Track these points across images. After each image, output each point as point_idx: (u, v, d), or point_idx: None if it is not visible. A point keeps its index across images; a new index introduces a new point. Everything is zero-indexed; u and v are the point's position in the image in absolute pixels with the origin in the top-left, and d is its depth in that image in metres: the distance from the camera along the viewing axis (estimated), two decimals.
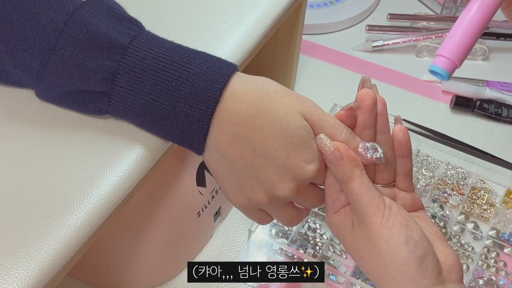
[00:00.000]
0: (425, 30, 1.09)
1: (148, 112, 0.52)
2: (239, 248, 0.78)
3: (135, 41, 0.51)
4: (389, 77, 1.03)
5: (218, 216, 0.78)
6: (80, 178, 0.51)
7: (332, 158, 0.51)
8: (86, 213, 0.49)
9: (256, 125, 0.51)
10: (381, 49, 1.07)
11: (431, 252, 0.50)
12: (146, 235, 0.66)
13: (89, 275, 0.72)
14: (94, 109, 0.53)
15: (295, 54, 0.89)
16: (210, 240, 0.78)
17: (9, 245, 0.46)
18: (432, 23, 1.10)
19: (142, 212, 0.64)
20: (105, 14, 0.52)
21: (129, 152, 0.53)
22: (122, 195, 0.52)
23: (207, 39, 0.64)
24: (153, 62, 0.51)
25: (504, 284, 0.77)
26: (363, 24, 1.12)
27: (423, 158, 0.92)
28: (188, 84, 0.51)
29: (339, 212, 0.53)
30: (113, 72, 0.51)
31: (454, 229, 0.83)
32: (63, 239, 0.48)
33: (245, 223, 0.80)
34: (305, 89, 0.99)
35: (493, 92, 1.01)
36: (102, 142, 0.54)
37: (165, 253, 0.71)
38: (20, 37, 0.51)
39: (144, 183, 0.56)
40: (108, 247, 0.66)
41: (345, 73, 1.03)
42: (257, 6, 0.69)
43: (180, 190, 0.66)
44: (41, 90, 0.53)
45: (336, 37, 1.10)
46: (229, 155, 0.52)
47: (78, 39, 0.50)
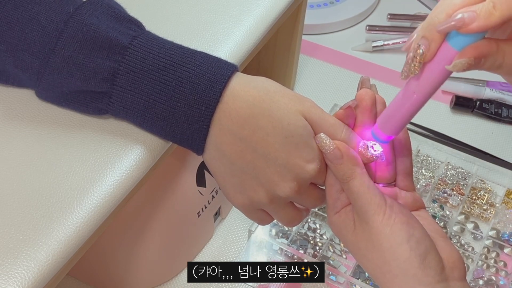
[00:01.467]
0: None
1: (148, 112, 0.52)
2: (239, 248, 0.78)
3: (135, 41, 0.51)
4: (389, 77, 1.03)
5: (218, 216, 0.78)
6: (80, 178, 0.51)
7: (332, 157, 0.51)
8: (86, 213, 0.49)
9: (256, 125, 0.51)
10: (381, 49, 1.07)
11: (433, 250, 0.50)
12: (146, 235, 0.66)
13: (89, 275, 0.72)
14: (94, 109, 0.53)
15: (295, 54, 0.89)
16: (210, 240, 0.78)
17: (9, 245, 0.46)
18: None
19: (142, 212, 0.64)
20: (105, 14, 0.52)
21: (129, 152, 0.53)
22: (122, 195, 0.52)
23: (207, 39, 0.64)
24: (153, 62, 0.51)
25: (504, 284, 0.77)
26: (363, 24, 1.12)
27: (423, 158, 0.91)
28: (188, 85, 0.51)
29: (340, 212, 0.53)
30: (113, 72, 0.51)
31: (454, 229, 0.83)
32: (63, 239, 0.48)
33: (245, 223, 0.80)
34: (305, 89, 0.99)
35: (493, 92, 1.01)
36: (102, 142, 0.54)
37: (165, 253, 0.71)
38: (20, 37, 0.51)
39: (144, 183, 0.56)
40: (108, 247, 0.66)
41: (345, 73, 1.03)
42: (257, 6, 0.69)
43: (180, 190, 0.66)
44: (41, 90, 0.53)
45: (336, 37, 1.10)
46: (230, 155, 0.52)
47: (79, 39, 0.50)
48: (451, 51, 0.43)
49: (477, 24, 0.40)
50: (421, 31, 0.43)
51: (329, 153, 0.51)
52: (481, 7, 0.40)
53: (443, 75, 0.44)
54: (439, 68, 0.44)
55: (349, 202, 0.53)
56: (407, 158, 0.55)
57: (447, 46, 0.43)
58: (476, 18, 0.40)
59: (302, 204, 0.56)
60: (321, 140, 0.51)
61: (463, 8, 0.41)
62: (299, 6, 0.81)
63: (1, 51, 0.51)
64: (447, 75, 0.44)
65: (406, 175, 0.56)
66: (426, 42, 0.43)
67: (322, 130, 0.52)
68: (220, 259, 0.76)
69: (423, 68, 0.45)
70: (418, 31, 0.44)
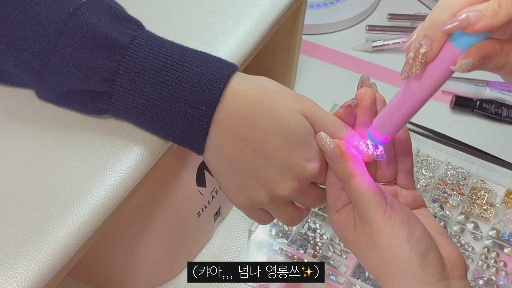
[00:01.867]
0: None
1: (148, 112, 0.52)
2: (239, 248, 0.78)
3: (135, 41, 0.51)
4: (389, 77, 1.03)
5: (218, 216, 0.78)
6: (80, 178, 0.51)
7: (332, 156, 0.51)
8: (86, 213, 0.49)
9: (256, 125, 0.51)
10: (381, 49, 1.07)
11: (434, 249, 0.50)
12: (146, 235, 0.66)
13: (89, 275, 0.72)
14: (94, 109, 0.53)
15: (295, 54, 0.89)
16: (210, 240, 0.78)
17: (9, 245, 0.46)
18: None
19: (142, 212, 0.64)
20: (105, 14, 0.52)
21: (129, 152, 0.53)
22: (122, 195, 0.52)
23: (207, 39, 0.64)
24: (153, 62, 0.51)
25: (504, 284, 0.77)
26: (363, 24, 1.12)
27: (423, 158, 0.91)
28: (188, 84, 0.51)
29: (340, 211, 0.53)
30: (113, 72, 0.51)
31: (454, 229, 0.83)
32: (63, 239, 0.48)
33: (245, 223, 0.80)
34: (305, 89, 0.99)
35: (493, 92, 1.01)
36: (102, 142, 0.54)
37: (165, 253, 0.71)
38: (20, 37, 0.51)
39: (144, 183, 0.56)
40: (108, 247, 0.66)
41: (345, 73, 1.03)
42: (257, 6, 0.69)
43: (180, 190, 0.66)
44: (41, 89, 0.53)
45: (336, 37, 1.10)
46: (230, 155, 0.52)
47: (79, 38, 0.50)
48: (454, 51, 0.42)
49: (483, 23, 0.39)
50: (423, 31, 0.43)
51: (329, 152, 0.51)
52: (486, 6, 0.39)
53: (446, 75, 0.44)
54: (441, 68, 0.43)
55: (350, 201, 0.53)
56: (408, 157, 0.55)
57: (450, 46, 0.42)
58: (481, 17, 0.39)
59: (303, 204, 0.56)
60: (321, 138, 0.51)
61: (468, 8, 0.40)
62: (299, 6, 0.81)
63: (1, 51, 0.51)
64: (449, 75, 0.44)
65: (407, 174, 0.56)
66: (428, 41, 0.42)
67: (323, 129, 0.52)
68: (220, 259, 0.76)
69: (425, 68, 0.44)
70: (419, 30, 0.43)
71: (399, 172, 0.56)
